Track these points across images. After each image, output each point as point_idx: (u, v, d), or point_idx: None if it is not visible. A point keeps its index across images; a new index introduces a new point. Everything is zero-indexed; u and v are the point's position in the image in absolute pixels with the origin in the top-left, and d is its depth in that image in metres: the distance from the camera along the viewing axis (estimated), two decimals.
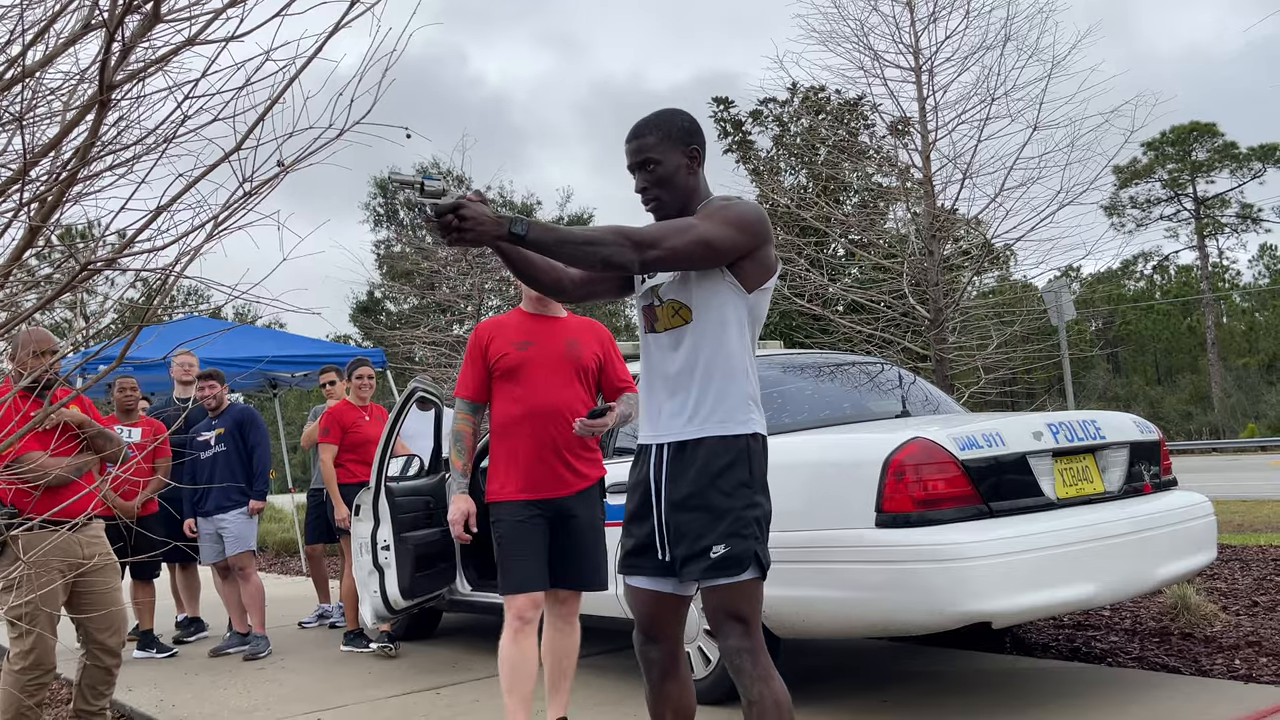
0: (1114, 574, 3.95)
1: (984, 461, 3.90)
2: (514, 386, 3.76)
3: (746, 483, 2.51)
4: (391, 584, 5.49)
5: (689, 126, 2.61)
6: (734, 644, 2.46)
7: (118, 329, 4.33)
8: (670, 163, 2.58)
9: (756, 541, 2.50)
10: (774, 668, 2.50)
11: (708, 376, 2.54)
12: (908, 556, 3.71)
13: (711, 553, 2.46)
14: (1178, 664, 4.48)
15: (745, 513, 2.49)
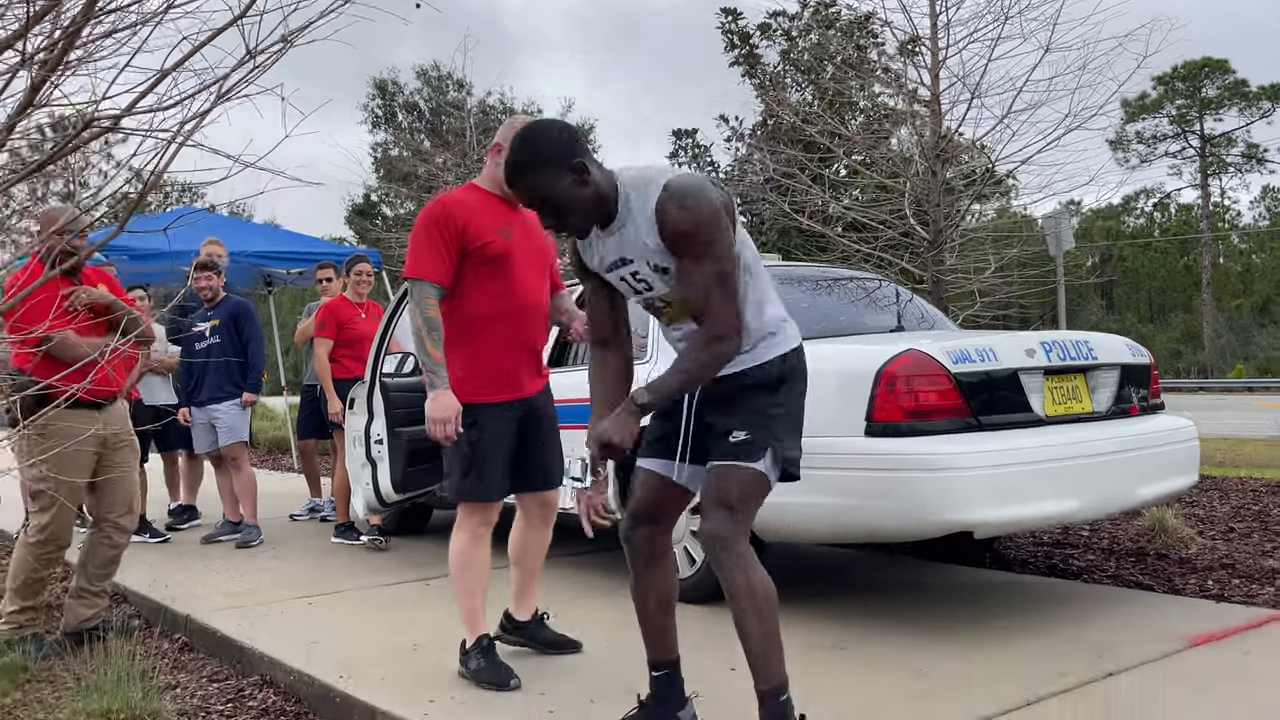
0: (1097, 491, 4.02)
1: (976, 376, 3.94)
2: (494, 279, 3.45)
3: (773, 388, 2.61)
4: (384, 477, 5.56)
5: (559, 141, 2.51)
6: (709, 528, 2.51)
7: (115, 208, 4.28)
8: (560, 189, 2.52)
9: (775, 439, 2.56)
10: (754, 558, 2.53)
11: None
12: (895, 465, 3.77)
13: (731, 437, 2.56)
14: (1152, 582, 4.59)
15: (770, 410, 2.58)
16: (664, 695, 2.82)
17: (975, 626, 3.93)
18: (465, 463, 3.45)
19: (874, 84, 12.96)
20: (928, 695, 3.14)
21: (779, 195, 9.05)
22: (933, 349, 3.94)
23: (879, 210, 8.12)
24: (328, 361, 6.60)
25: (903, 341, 4.14)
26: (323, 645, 4.00)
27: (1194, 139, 51.01)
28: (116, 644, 3.84)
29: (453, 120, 17.86)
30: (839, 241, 8.25)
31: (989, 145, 7.58)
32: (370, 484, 5.59)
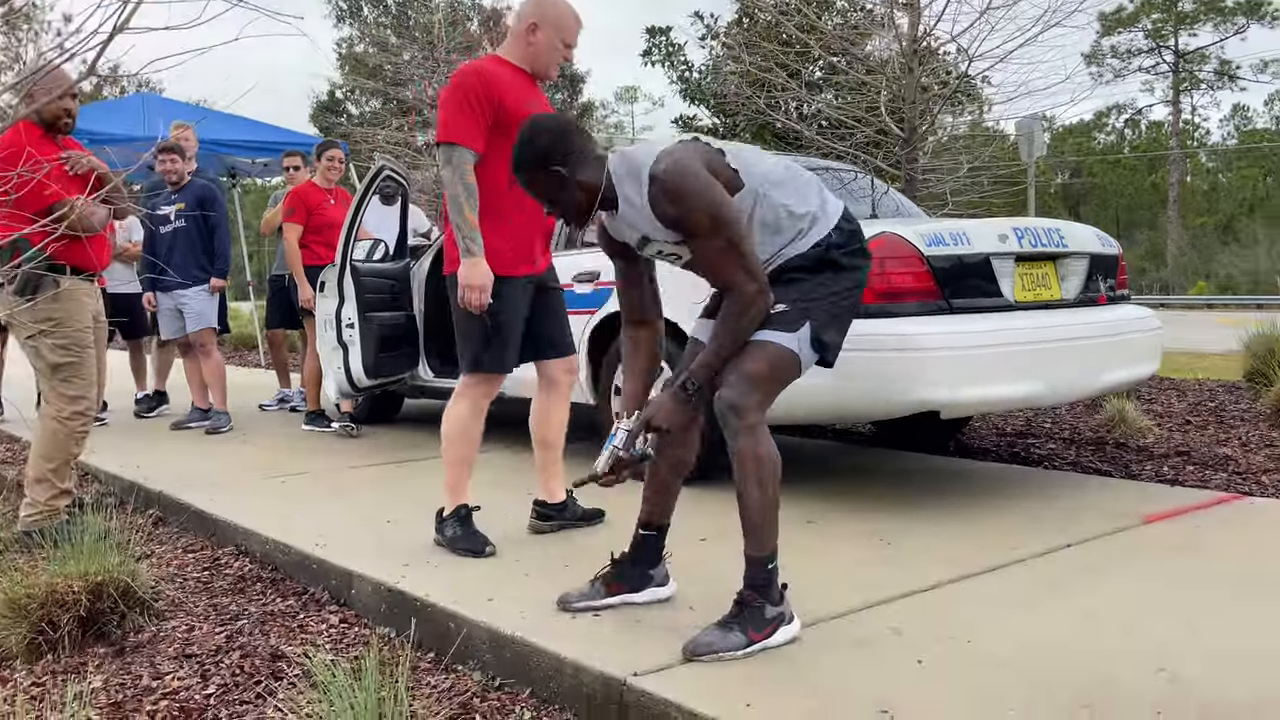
0: (1063, 375, 4.10)
1: (948, 259, 3.97)
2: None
3: (815, 269, 2.63)
4: (355, 361, 5.56)
5: (543, 150, 2.58)
6: (727, 395, 2.53)
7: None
8: (548, 186, 2.61)
9: (812, 317, 2.59)
10: (766, 432, 2.55)
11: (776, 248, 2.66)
12: (865, 345, 3.81)
13: (772, 309, 2.57)
14: (1110, 469, 4.71)
15: (813, 291, 2.61)
16: (643, 554, 2.89)
17: (940, 506, 4.03)
18: (485, 334, 3.47)
19: None
20: (893, 560, 3.24)
21: (755, 91, 8.94)
22: (906, 232, 3.96)
23: (854, 109, 8.06)
24: (298, 247, 6.52)
25: (877, 225, 4.15)
26: (297, 518, 4.04)
27: (1168, 54, 50.74)
28: (92, 517, 3.85)
29: (420, 14, 17.36)
30: (814, 140, 8.19)
31: (965, 46, 7.51)
32: (342, 368, 5.59)
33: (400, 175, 5.75)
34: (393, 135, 15.41)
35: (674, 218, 2.50)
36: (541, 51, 3.45)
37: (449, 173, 3.29)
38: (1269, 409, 5.53)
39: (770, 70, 8.38)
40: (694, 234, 2.51)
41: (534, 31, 3.43)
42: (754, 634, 2.49)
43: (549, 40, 3.45)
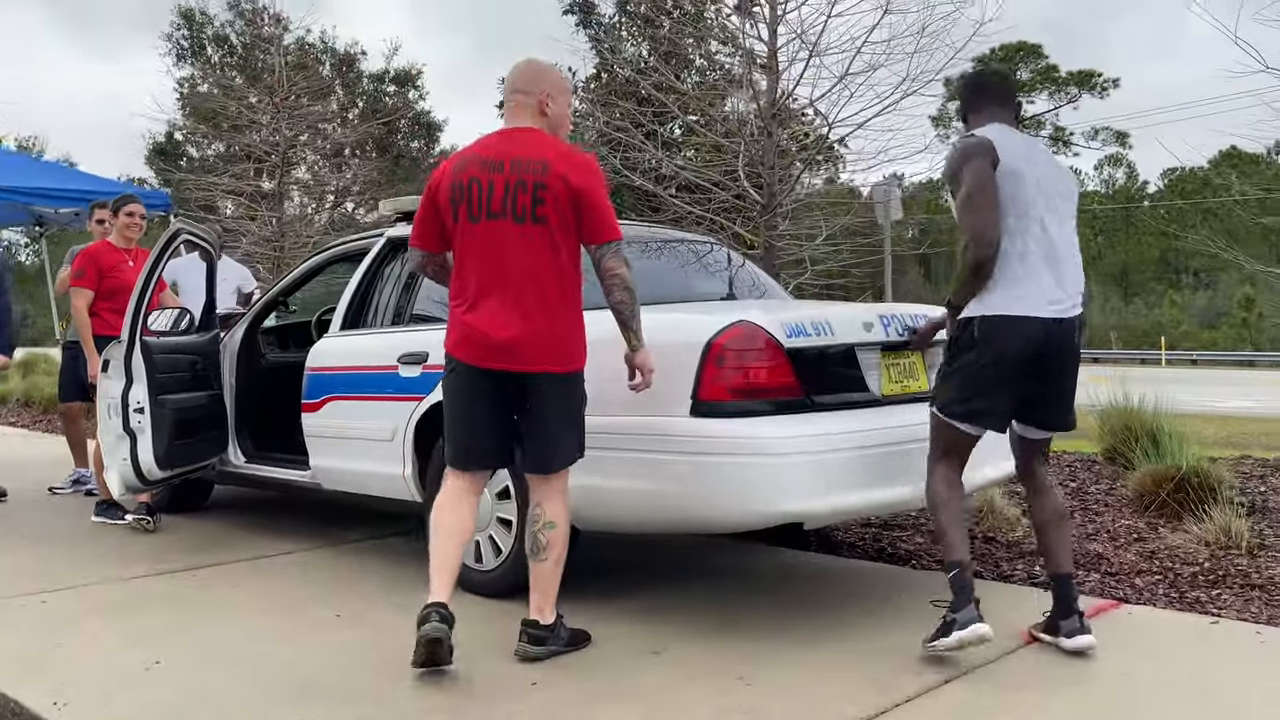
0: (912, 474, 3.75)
1: (810, 351, 3.59)
2: None
3: (950, 348, 3.37)
4: (145, 451, 4.83)
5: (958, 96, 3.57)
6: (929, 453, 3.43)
7: None
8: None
9: (941, 390, 3.38)
10: (944, 476, 3.37)
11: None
12: (721, 449, 3.38)
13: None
14: (980, 568, 4.39)
15: (944, 367, 3.39)
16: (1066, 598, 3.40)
17: (803, 621, 3.62)
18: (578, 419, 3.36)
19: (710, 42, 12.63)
20: (754, 712, 2.77)
21: (611, 151, 8.56)
22: (765, 320, 3.56)
23: (713, 171, 7.77)
24: (87, 315, 5.73)
25: (733, 311, 3.75)
26: (40, 661, 3.32)
27: None
28: None
29: (268, 57, 16.55)
30: (671, 202, 7.85)
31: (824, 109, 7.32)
32: (129, 459, 4.85)
33: (202, 236, 5.09)
34: (231, 185, 14.46)
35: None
36: (557, 117, 3.36)
37: (628, 272, 3.17)
38: (1132, 493, 5.36)
39: (625, 130, 8.03)
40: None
41: (549, 103, 3.33)
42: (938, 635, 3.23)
43: (561, 107, 3.39)
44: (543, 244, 3.05)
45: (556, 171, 3.06)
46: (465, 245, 3.12)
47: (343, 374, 4.68)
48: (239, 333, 5.50)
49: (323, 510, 5.60)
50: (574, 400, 3.24)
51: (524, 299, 3.04)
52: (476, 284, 3.09)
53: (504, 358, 3.07)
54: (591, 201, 3.08)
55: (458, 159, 3.20)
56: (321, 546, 5.04)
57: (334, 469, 4.74)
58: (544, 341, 3.07)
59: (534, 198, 3.03)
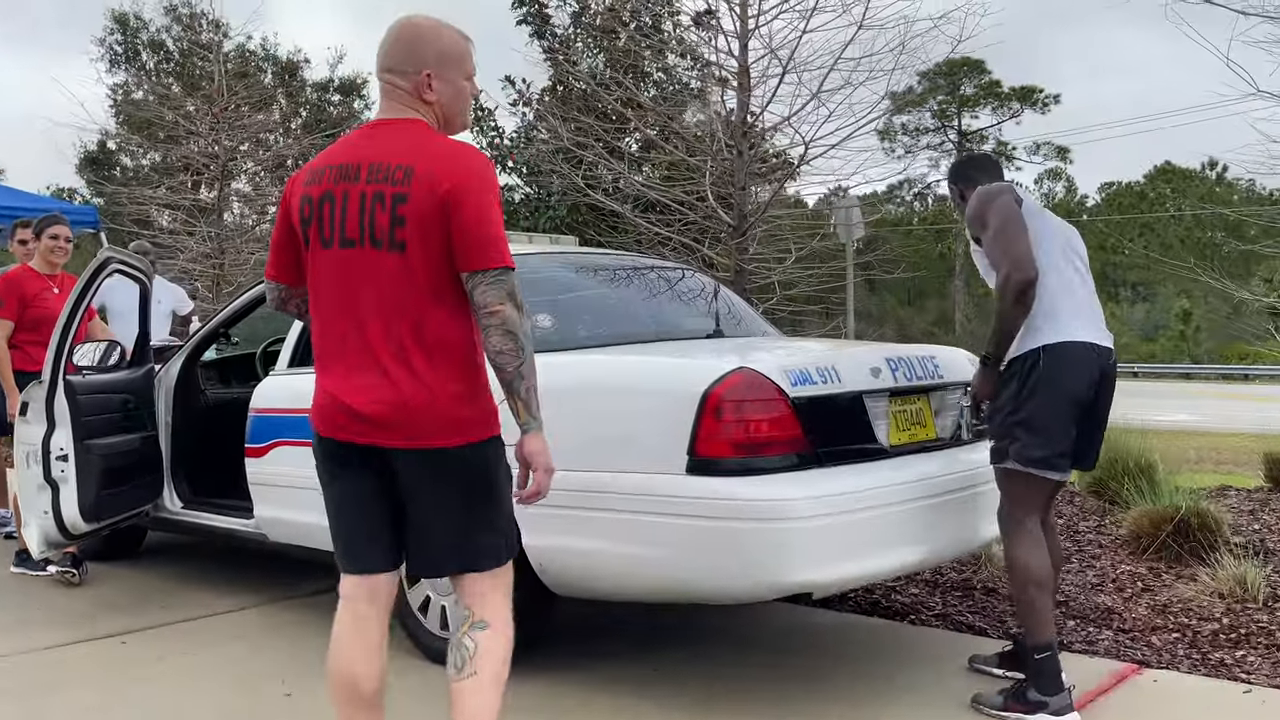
0: (944, 534, 3.46)
1: (817, 400, 3.26)
2: None
3: (1012, 385, 3.18)
4: (69, 503, 4.37)
5: (952, 172, 3.64)
6: (998, 511, 3.28)
7: None
8: (959, 203, 3.54)
9: (1012, 440, 3.15)
10: (1025, 538, 3.16)
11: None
12: (721, 512, 3.04)
13: (991, 443, 3.28)
14: (983, 624, 4.11)
15: (1008, 416, 3.18)
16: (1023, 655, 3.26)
17: (801, 692, 3.29)
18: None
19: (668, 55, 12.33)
20: None
21: (571, 167, 8.21)
22: (768, 366, 3.23)
23: (678, 190, 7.45)
24: (6, 348, 5.23)
25: (729, 354, 3.43)
26: None
27: (953, 134, 54.09)
28: None
29: (207, 64, 15.93)
30: (635, 222, 7.52)
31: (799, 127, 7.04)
32: (50, 511, 4.38)
33: (135, 264, 4.64)
34: (167, 198, 13.85)
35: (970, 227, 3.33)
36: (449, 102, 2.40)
37: (515, 312, 2.21)
38: (1127, 533, 5.12)
39: (586, 146, 7.69)
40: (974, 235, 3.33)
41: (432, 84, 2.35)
42: (1014, 705, 3.07)
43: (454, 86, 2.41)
44: (407, 278, 2.21)
45: (421, 175, 2.20)
46: (317, 280, 2.32)
47: (292, 417, 4.25)
48: (176, 367, 5.05)
49: (268, 555, 5.16)
50: (484, 479, 2.32)
51: (387, 354, 2.22)
52: (331, 333, 2.30)
53: (370, 431, 2.24)
54: (464, 210, 2.18)
55: (312, 165, 2.37)
56: (267, 602, 4.61)
57: (282, 520, 4.32)
58: (421, 409, 2.21)
59: (393, 215, 2.20)
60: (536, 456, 2.23)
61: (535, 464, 2.24)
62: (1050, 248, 3.21)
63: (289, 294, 2.51)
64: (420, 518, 2.32)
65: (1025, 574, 3.13)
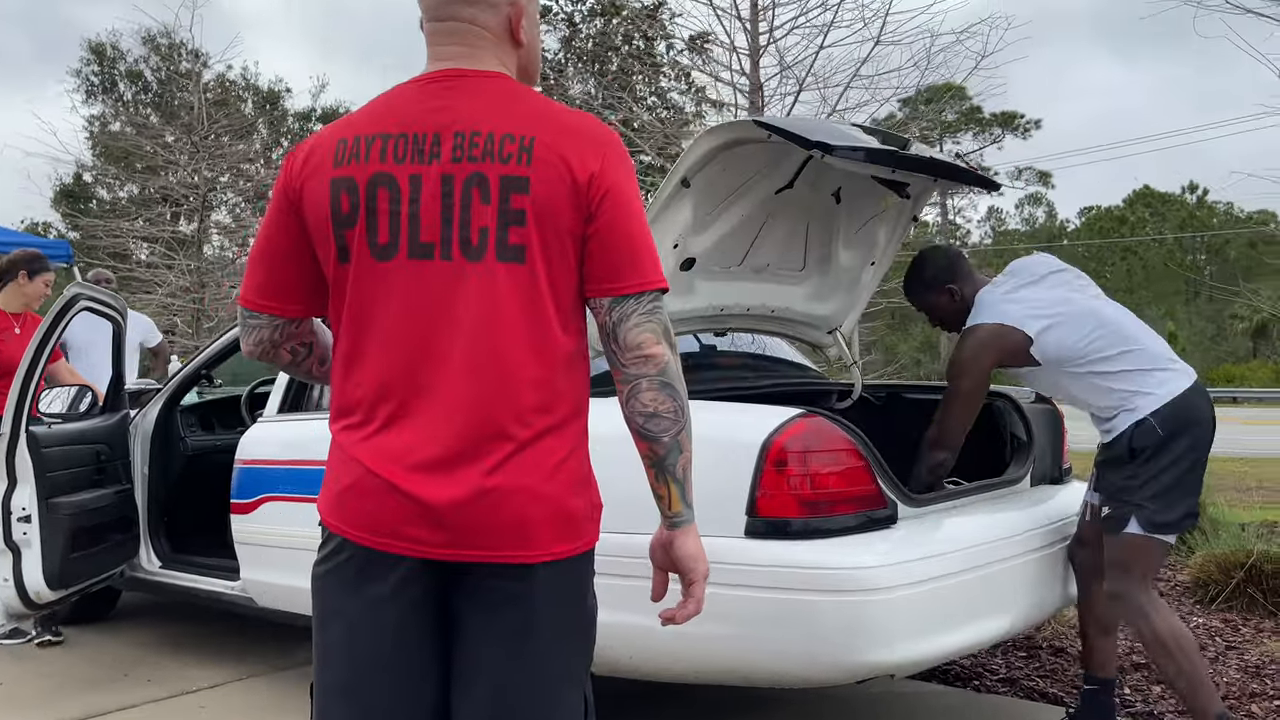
0: (1032, 596, 3.06)
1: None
2: None
3: (1125, 460, 2.96)
4: (32, 568, 3.90)
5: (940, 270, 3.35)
6: (1108, 587, 3.02)
7: None
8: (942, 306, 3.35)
9: (1134, 507, 2.92)
10: (1154, 605, 2.93)
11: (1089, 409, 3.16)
12: (789, 582, 2.63)
13: (1102, 512, 3.04)
14: (1058, 691, 3.69)
15: (1125, 483, 2.96)
16: (1092, 708, 3.20)
17: None
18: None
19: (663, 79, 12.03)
20: None
21: None
22: (831, 410, 2.83)
23: None
24: None
25: (789, 400, 3.03)
26: None
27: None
28: None
29: (185, 93, 15.53)
30: None
31: None
32: (10, 579, 3.91)
33: (105, 302, 4.20)
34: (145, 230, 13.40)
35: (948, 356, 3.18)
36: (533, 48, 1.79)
37: (674, 357, 1.60)
38: (1189, 580, 4.73)
39: None
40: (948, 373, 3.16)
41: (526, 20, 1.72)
42: None
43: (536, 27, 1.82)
44: (526, 303, 1.55)
45: (547, 151, 1.56)
46: (362, 305, 1.59)
47: (283, 469, 3.82)
48: (153, 412, 4.60)
49: (256, 619, 4.69)
50: (586, 608, 1.67)
51: (490, 414, 1.54)
52: (385, 382, 1.57)
53: (439, 535, 1.54)
54: (613, 207, 1.57)
55: (336, 134, 1.63)
56: (256, 674, 4.14)
57: (271, 584, 3.87)
58: (536, 495, 1.55)
59: (503, 208, 1.54)
60: (697, 562, 1.63)
61: (695, 572, 1.63)
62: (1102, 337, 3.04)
63: (284, 333, 1.73)
64: (488, 669, 1.59)
65: (1170, 644, 2.88)
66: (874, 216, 3.78)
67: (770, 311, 3.82)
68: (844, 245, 3.82)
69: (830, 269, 3.85)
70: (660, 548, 1.67)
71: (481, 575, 1.58)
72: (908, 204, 3.79)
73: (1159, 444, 2.89)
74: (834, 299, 3.96)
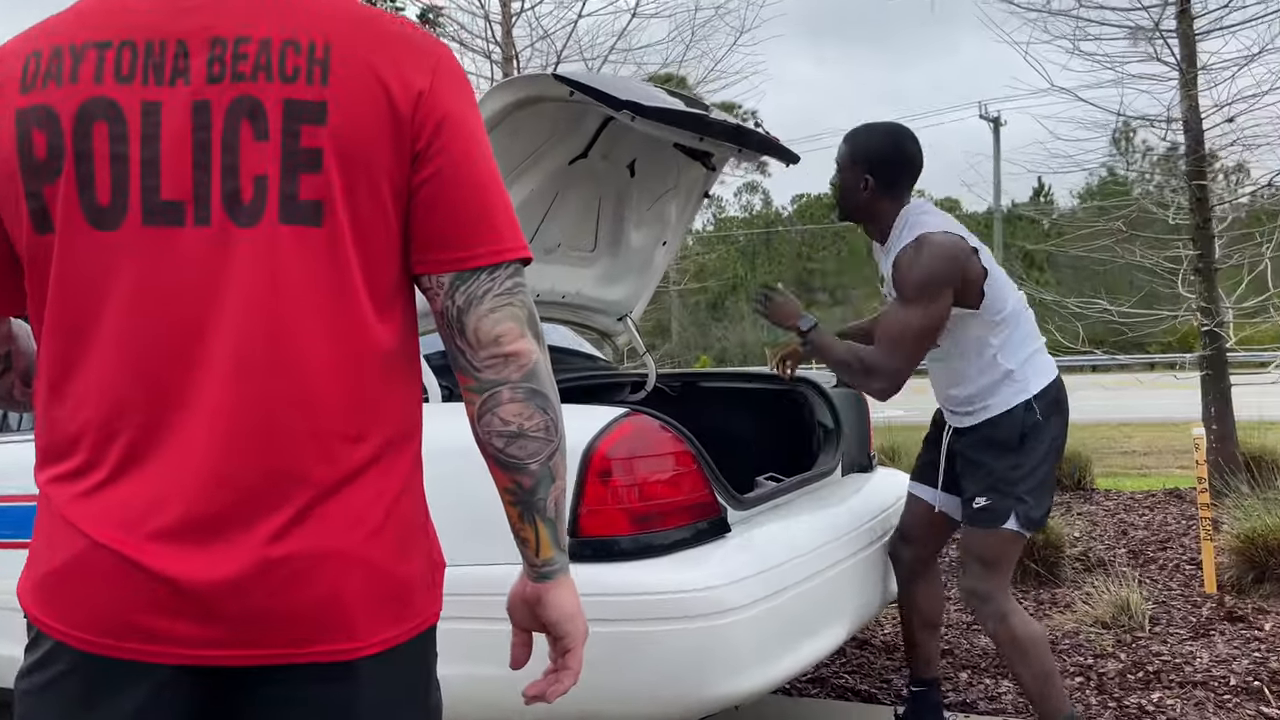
0: (860, 598, 2.86)
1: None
2: None
3: (1013, 447, 2.65)
4: None
5: (875, 154, 2.74)
6: (967, 584, 2.77)
7: None
8: (846, 179, 2.79)
9: (1016, 500, 2.63)
10: (1011, 607, 2.69)
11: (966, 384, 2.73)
12: (628, 612, 2.26)
13: (974, 503, 2.70)
14: (870, 687, 3.56)
15: (1009, 473, 2.65)
16: (922, 709, 2.99)
17: None
18: None
19: None
20: None
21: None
22: (659, 411, 2.49)
23: None
24: None
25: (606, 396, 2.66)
26: None
27: None
28: None
29: None
30: None
31: None
32: None
33: None
34: None
35: (898, 273, 2.66)
36: None
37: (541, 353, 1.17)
38: None
39: None
40: (898, 294, 2.67)
41: None
42: None
43: None
44: (318, 281, 1.08)
45: (350, 63, 1.08)
46: (75, 296, 1.08)
47: None
48: None
49: None
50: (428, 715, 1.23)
51: (275, 447, 1.07)
52: (114, 407, 1.06)
53: (226, 627, 1.06)
54: (461, 154, 1.12)
55: (23, 46, 1.10)
56: None
57: None
58: (350, 560, 1.10)
59: (288, 149, 1.06)
60: (574, 622, 1.25)
61: (572, 636, 1.25)
62: (1005, 283, 2.75)
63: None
64: None
65: (1026, 645, 2.67)
66: (666, 191, 3.49)
67: (561, 297, 3.44)
68: (635, 224, 3.50)
69: (621, 250, 3.52)
70: (523, 603, 1.26)
71: (277, 682, 1.09)
72: (701, 178, 3.52)
73: (1038, 429, 2.66)
74: (626, 282, 3.64)
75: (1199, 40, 5.92)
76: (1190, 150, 5.93)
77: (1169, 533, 5.26)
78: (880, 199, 2.75)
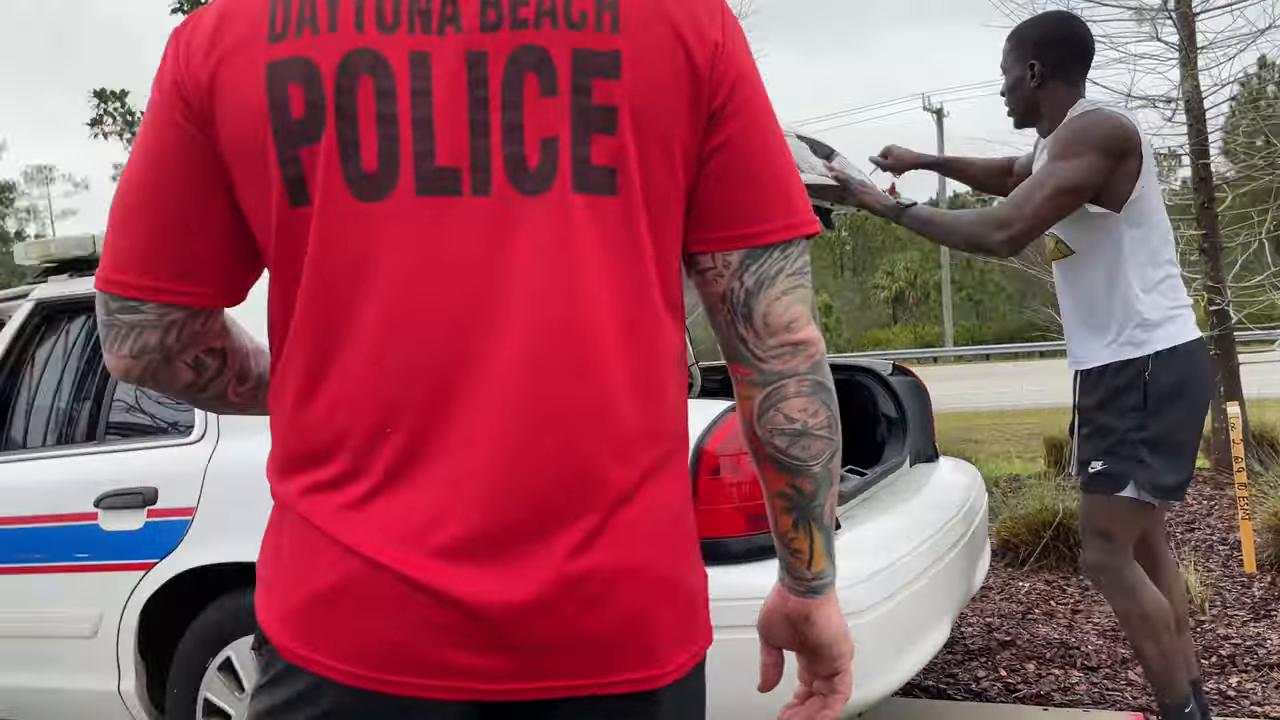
0: (958, 590, 2.77)
1: None
2: None
3: (1138, 406, 2.42)
4: None
5: (1039, 37, 2.55)
6: (1088, 558, 2.57)
7: None
8: (1013, 73, 2.59)
9: (1136, 464, 2.42)
10: (1139, 580, 2.48)
11: (1091, 310, 2.50)
12: (746, 619, 2.11)
13: (1090, 467, 2.50)
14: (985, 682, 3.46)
15: (1130, 435, 2.42)
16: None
17: None
18: None
19: None
20: None
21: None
22: None
23: None
24: None
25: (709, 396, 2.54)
26: None
27: None
28: None
29: None
30: None
31: None
32: None
33: None
34: None
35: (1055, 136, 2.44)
36: None
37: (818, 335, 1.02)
38: (997, 544, 4.71)
39: None
40: (1062, 150, 2.40)
41: None
42: None
43: None
44: (614, 260, 0.94)
45: (652, 11, 0.93)
46: (337, 278, 0.92)
47: None
48: None
49: None
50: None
51: (573, 450, 0.92)
52: (384, 407, 0.91)
53: (522, 657, 0.92)
54: (757, 117, 0.99)
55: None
56: None
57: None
58: (655, 576, 0.96)
59: (580, 107, 0.91)
60: (844, 643, 1.10)
61: (843, 657, 1.10)
62: (1157, 208, 2.48)
63: (184, 335, 1.02)
64: None
65: (1148, 622, 2.46)
66: None
67: None
68: None
69: None
70: (784, 621, 1.11)
71: (568, 717, 0.95)
72: None
73: (1176, 389, 2.40)
74: None
75: (1197, 20, 5.93)
76: (1192, 129, 5.93)
77: (1193, 514, 5.23)
78: (1051, 86, 2.51)
